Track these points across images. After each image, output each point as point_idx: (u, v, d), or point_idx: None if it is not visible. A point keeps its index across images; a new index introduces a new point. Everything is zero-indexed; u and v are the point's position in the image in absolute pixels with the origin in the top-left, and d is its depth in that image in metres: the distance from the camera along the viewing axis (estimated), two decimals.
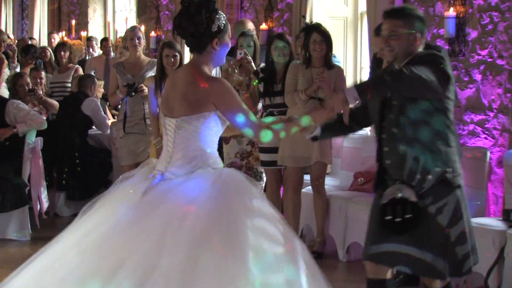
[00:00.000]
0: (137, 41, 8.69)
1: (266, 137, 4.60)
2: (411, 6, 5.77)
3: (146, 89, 8.32)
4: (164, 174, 4.59)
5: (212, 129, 4.62)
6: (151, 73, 8.64)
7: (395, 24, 5.15)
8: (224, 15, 4.67)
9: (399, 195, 5.05)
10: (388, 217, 5.06)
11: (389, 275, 5.28)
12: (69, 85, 11.41)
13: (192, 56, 4.82)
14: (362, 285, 5.51)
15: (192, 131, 4.58)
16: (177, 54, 8.23)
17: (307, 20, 8.99)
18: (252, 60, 7.94)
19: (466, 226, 5.19)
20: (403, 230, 5.07)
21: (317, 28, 7.80)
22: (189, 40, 4.65)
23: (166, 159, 4.66)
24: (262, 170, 8.14)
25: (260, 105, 7.99)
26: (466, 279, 6.98)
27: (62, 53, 12.35)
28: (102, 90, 11.26)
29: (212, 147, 4.65)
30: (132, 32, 8.78)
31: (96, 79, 10.89)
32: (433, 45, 5.42)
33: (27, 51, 12.46)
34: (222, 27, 4.61)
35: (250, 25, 9.33)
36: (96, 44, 14.50)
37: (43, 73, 11.16)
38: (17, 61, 12.75)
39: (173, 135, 4.63)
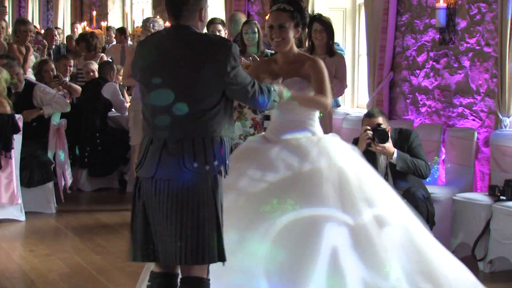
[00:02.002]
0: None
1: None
2: None
3: None
4: None
5: None
6: None
7: None
8: None
9: None
10: None
11: None
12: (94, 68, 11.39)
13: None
14: None
15: None
16: None
17: (309, 11, 8.96)
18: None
19: None
20: None
21: (318, 18, 7.79)
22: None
23: None
24: None
25: None
26: (455, 248, 6.99)
27: (92, 40, 12.32)
28: (120, 76, 11.26)
29: None
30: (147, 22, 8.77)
31: (115, 66, 10.93)
32: None
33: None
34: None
35: (242, 16, 9.36)
36: (114, 33, 14.47)
37: (71, 61, 11.20)
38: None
39: None
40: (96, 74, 10.60)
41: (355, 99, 9.79)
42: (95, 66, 10.79)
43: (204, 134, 4.04)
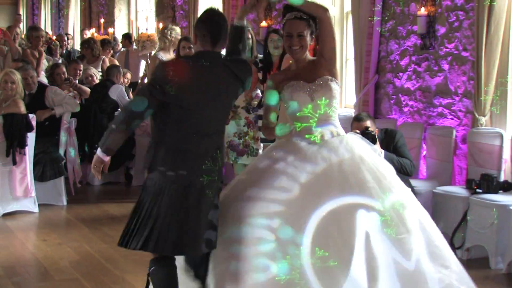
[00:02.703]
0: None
1: None
2: None
3: None
4: None
5: None
6: None
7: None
8: None
9: None
10: None
11: None
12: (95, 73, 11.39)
13: None
14: None
15: None
16: (191, 46, 8.45)
17: None
18: None
19: None
20: None
21: None
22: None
23: None
24: (257, 147, 8.11)
25: (258, 91, 7.95)
26: None
27: (93, 48, 12.34)
28: (126, 79, 11.26)
29: None
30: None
31: (121, 69, 10.95)
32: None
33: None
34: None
35: None
36: (118, 42, 14.42)
37: (81, 65, 11.21)
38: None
39: None
40: (95, 79, 10.62)
41: (343, 100, 9.78)
42: (93, 71, 10.81)
43: None
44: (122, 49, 14.06)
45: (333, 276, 4.12)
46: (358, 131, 6.38)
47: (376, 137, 6.38)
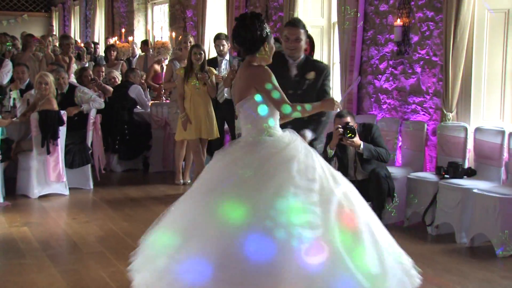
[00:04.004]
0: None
1: (286, 109, 4.25)
2: None
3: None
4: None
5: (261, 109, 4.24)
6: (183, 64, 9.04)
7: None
8: (267, 24, 4.37)
9: None
10: None
11: None
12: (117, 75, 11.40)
13: (247, 58, 4.39)
14: None
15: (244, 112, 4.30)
16: (202, 52, 8.45)
17: None
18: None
19: None
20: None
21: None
22: (246, 45, 4.31)
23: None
24: None
25: None
26: (409, 216, 7.03)
27: (112, 52, 12.39)
28: (143, 80, 11.27)
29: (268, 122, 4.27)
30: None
31: (138, 71, 10.97)
32: None
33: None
34: (269, 33, 4.31)
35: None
36: (136, 47, 14.40)
37: (103, 68, 11.21)
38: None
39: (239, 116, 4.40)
40: (117, 80, 10.64)
41: None
42: (115, 73, 10.83)
43: None
44: (140, 54, 14.05)
45: None
46: (340, 126, 6.41)
47: (356, 130, 6.40)
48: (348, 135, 6.34)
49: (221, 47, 9.08)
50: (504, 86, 7.05)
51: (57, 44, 13.34)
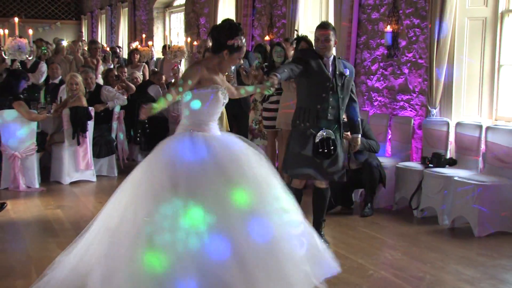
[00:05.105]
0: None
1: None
2: None
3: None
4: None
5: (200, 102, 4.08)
6: None
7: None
8: (243, 42, 4.11)
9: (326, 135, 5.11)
10: (321, 150, 5.09)
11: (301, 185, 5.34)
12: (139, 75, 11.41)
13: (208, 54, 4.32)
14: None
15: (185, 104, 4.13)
16: None
17: (300, 33, 8.92)
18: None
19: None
20: (330, 156, 5.11)
21: (305, 38, 7.74)
22: (212, 42, 4.17)
23: None
24: (265, 131, 8.15)
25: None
26: (397, 201, 7.03)
27: (135, 55, 12.39)
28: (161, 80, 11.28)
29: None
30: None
31: (160, 74, 10.97)
32: None
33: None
34: (235, 46, 4.08)
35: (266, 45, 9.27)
36: (155, 50, 14.40)
37: (125, 68, 11.22)
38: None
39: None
40: (139, 80, 10.63)
41: None
42: (137, 74, 10.83)
43: None
44: (155, 57, 14.07)
45: None
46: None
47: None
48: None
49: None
50: (481, 86, 7.04)
51: (86, 48, 13.36)
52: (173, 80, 9.07)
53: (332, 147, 5.08)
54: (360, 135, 5.54)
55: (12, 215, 6.55)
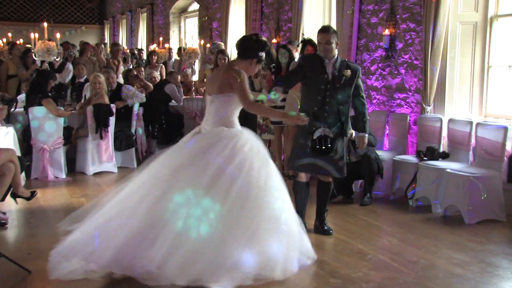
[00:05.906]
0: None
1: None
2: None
3: None
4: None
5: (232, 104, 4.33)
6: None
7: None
8: (264, 56, 4.44)
9: (323, 133, 5.08)
10: (318, 146, 5.07)
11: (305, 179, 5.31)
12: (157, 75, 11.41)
13: (235, 58, 4.51)
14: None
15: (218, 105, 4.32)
16: (226, 57, 8.41)
17: (305, 36, 8.89)
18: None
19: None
20: (327, 153, 5.09)
21: (310, 41, 7.71)
22: (240, 49, 4.43)
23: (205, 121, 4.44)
24: (272, 127, 8.14)
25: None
26: (394, 191, 7.02)
27: (153, 56, 12.38)
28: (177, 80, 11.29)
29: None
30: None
31: (176, 74, 10.97)
32: None
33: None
34: (261, 58, 4.43)
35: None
36: (171, 51, 14.40)
37: (142, 69, 11.22)
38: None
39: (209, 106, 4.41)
40: (157, 79, 10.63)
41: None
42: (155, 74, 10.81)
43: None
44: (173, 58, 14.06)
45: None
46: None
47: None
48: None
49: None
50: (472, 85, 7.02)
51: (108, 50, 13.38)
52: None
53: (329, 145, 5.05)
54: (367, 135, 5.40)
55: (42, 202, 6.59)
